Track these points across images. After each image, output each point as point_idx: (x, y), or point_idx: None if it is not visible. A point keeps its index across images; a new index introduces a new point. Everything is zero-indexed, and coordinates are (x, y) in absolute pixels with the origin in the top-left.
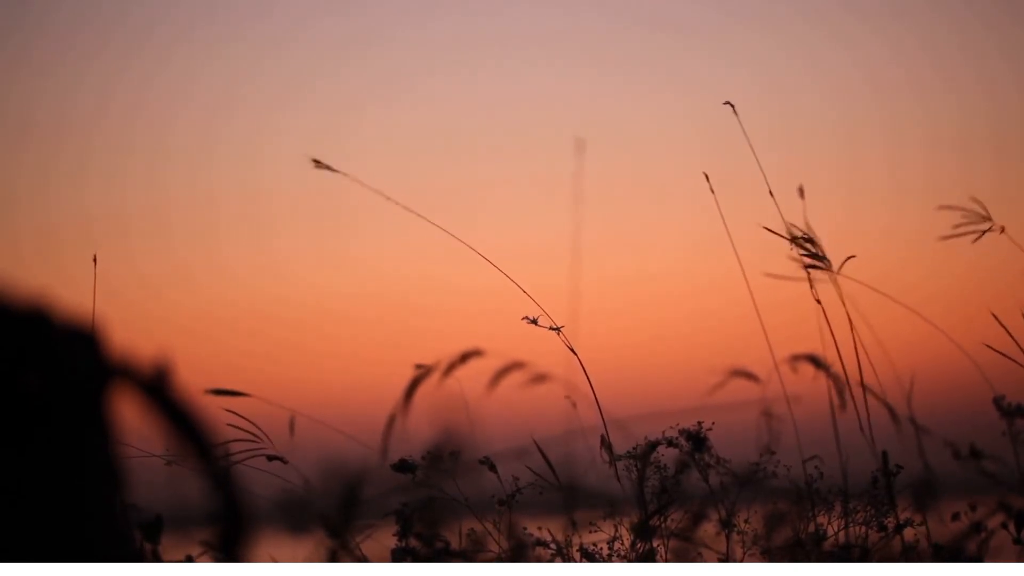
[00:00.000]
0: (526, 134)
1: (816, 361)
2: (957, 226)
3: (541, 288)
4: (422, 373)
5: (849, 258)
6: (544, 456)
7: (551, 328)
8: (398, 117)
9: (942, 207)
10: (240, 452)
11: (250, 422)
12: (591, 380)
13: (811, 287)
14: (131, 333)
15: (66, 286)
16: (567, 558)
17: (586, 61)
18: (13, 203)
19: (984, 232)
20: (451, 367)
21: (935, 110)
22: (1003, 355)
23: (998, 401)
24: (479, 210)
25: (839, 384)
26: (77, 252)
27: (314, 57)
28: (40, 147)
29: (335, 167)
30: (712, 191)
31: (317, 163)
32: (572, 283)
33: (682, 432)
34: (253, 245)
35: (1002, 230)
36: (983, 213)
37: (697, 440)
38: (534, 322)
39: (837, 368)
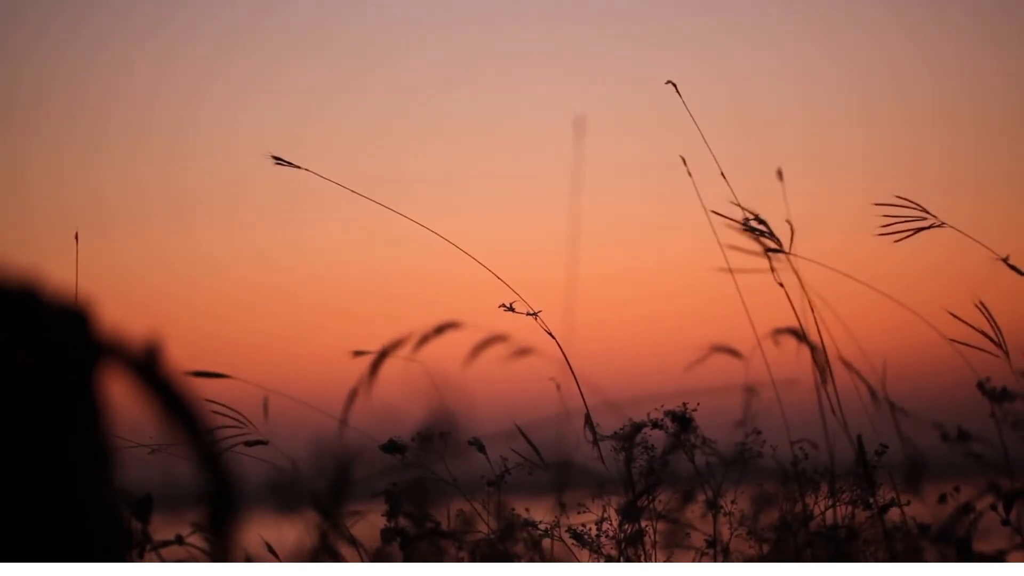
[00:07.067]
0: (521, 116)
1: (797, 335)
2: (887, 225)
3: (532, 272)
4: (389, 346)
5: (792, 234)
6: (527, 439)
7: (528, 314)
8: (389, 101)
9: (877, 204)
10: (225, 439)
11: (232, 409)
12: (571, 363)
13: (772, 271)
14: (119, 312)
15: (47, 268)
16: (555, 539)
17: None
18: None
19: (918, 230)
20: (425, 339)
21: (915, 96)
22: (969, 345)
23: (982, 384)
24: (469, 195)
25: (819, 358)
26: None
27: (294, 36)
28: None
29: (296, 162)
30: (689, 174)
31: (277, 160)
32: (567, 267)
33: (667, 413)
34: (229, 229)
35: (940, 225)
36: (918, 209)
37: (683, 421)
38: (510, 309)
39: (816, 344)
